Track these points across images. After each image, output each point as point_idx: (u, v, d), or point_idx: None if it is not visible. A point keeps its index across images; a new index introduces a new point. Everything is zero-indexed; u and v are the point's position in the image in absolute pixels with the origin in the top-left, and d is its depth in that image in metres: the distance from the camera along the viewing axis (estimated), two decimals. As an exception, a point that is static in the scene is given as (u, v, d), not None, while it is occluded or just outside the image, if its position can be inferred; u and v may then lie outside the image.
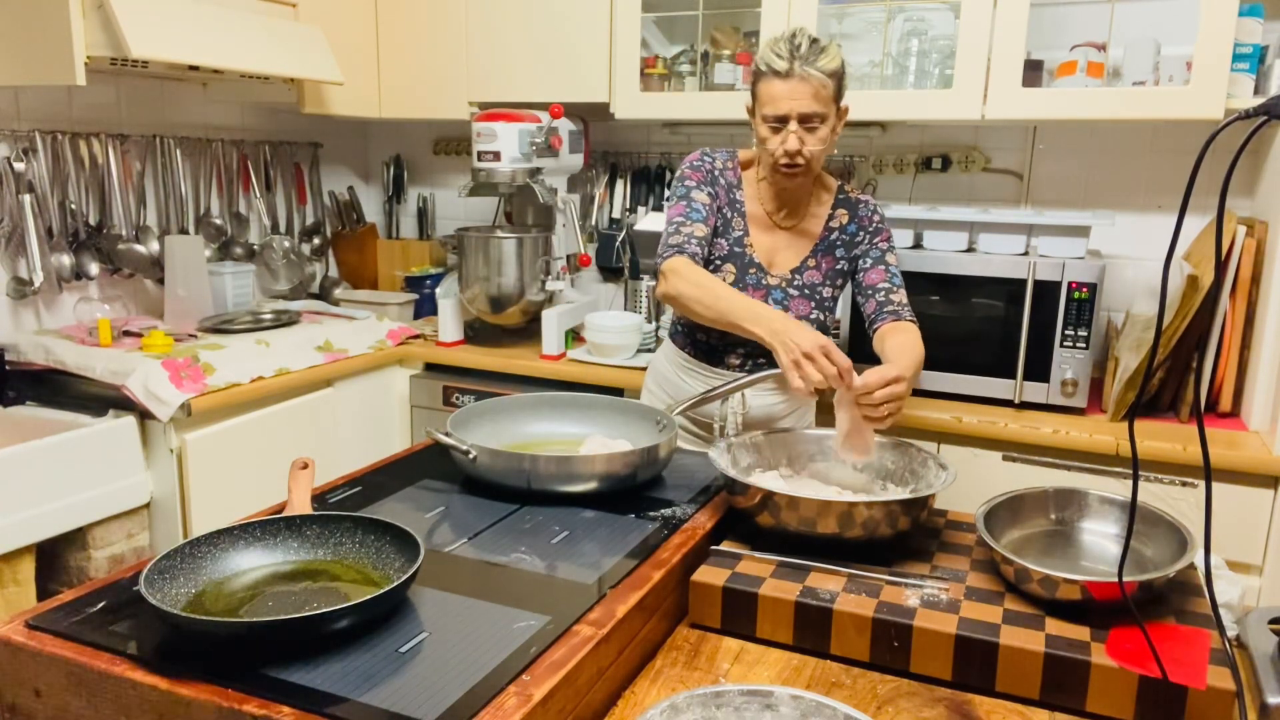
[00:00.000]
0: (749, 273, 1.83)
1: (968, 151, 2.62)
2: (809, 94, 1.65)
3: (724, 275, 1.83)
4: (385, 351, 2.74)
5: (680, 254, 1.72)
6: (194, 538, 1.08)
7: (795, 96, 1.65)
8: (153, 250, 2.61)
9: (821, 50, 1.66)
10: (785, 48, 1.65)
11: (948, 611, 1.12)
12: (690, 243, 1.74)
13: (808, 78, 1.64)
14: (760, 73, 1.68)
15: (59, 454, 1.97)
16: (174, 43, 2.12)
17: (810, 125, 1.68)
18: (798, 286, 1.84)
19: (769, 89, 1.67)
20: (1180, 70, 2.11)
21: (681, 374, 1.92)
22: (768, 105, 1.67)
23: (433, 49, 2.87)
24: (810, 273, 1.85)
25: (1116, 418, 2.12)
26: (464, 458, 1.41)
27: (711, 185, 1.82)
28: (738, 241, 1.83)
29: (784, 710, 0.89)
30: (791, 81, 1.64)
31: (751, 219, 1.85)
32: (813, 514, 1.24)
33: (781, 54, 1.64)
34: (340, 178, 3.42)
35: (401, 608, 1.05)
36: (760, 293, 1.82)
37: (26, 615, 1.02)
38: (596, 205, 3.10)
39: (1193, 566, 1.24)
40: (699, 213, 1.78)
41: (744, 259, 1.83)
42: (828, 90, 1.66)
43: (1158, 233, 2.46)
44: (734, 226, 1.84)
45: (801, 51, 1.64)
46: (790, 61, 1.64)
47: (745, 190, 1.86)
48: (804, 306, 1.84)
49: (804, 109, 1.65)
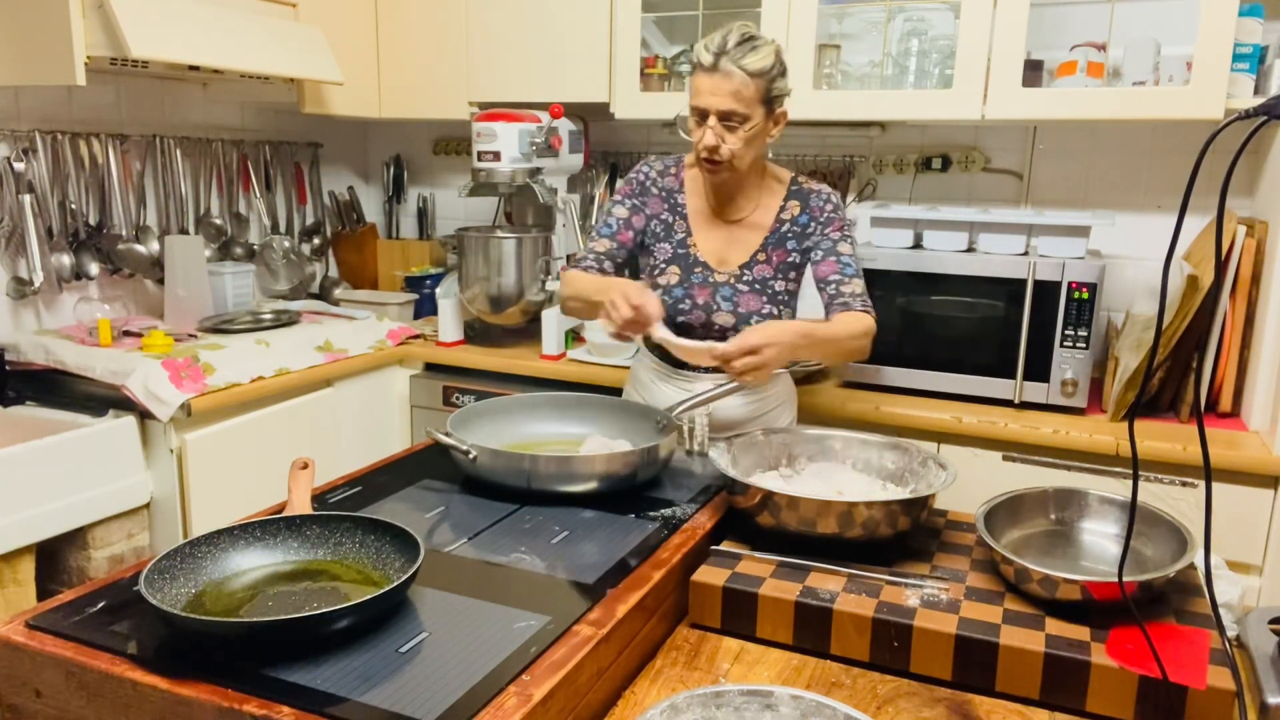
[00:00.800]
0: (694, 272, 1.82)
1: (968, 151, 2.62)
2: (729, 91, 1.62)
3: (669, 277, 1.83)
4: (385, 351, 2.74)
5: (574, 267, 1.83)
6: (194, 538, 1.08)
7: (716, 92, 1.62)
8: (153, 250, 2.61)
9: (753, 48, 1.62)
10: (716, 42, 1.63)
11: (948, 611, 1.12)
12: (587, 257, 1.83)
13: (730, 74, 1.61)
14: (692, 64, 1.67)
15: (59, 454, 1.97)
16: (174, 43, 2.12)
17: (729, 123, 1.65)
18: (747, 282, 1.81)
19: (695, 82, 1.66)
20: (1180, 70, 2.11)
21: (657, 380, 1.91)
22: (693, 98, 1.66)
23: (433, 49, 2.87)
24: (760, 267, 1.82)
25: (1116, 418, 2.12)
26: (464, 458, 1.41)
27: (639, 197, 1.85)
28: (680, 243, 1.83)
29: (784, 710, 0.89)
30: (714, 77, 1.62)
31: (695, 217, 1.84)
32: (813, 514, 1.24)
33: (710, 48, 1.62)
34: (340, 178, 3.42)
35: (401, 608, 1.05)
36: (707, 290, 1.81)
37: (26, 615, 1.02)
38: (596, 205, 3.10)
39: (1193, 566, 1.24)
40: (609, 227, 1.84)
41: (689, 259, 1.83)
42: (749, 90, 1.63)
43: (1158, 233, 2.46)
44: (676, 229, 1.84)
45: (729, 47, 1.61)
46: (716, 56, 1.61)
47: (689, 190, 1.85)
48: (755, 301, 1.81)
49: (722, 106, 1.63)
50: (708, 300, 1.81)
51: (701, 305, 1.81)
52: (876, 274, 2.28)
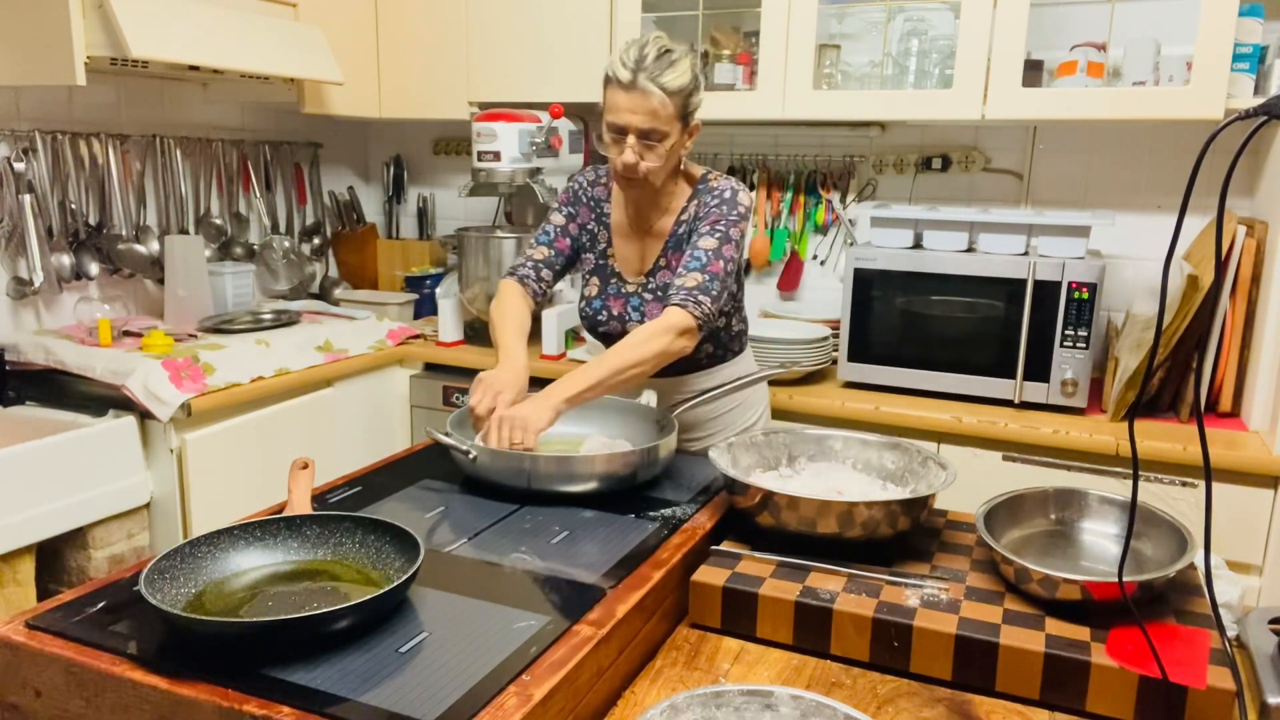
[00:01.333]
0: (610, 283, 1.83)
1: (968, 151, 2.62)
2: (647, 110, 1.57)
3: (590, 288, 1.84)
4: (385, 351, 2.73)
5: (511, 276, 1.81)
6: (194, 538, 1.08)
7: (634, 110, 1.58)
8: (153, 250, 2.61)
9: (670, 64, 1.57)
10: (633, 56, 1.57)
11: (948, 611, 1.12)
12: (525, 265, 1.82)
13: (648, 93, 1.56)
14: (607, 79, 1.60)
15: (59, 454, 1.97)
16: (174, 43, 2.12)
17: (647, 141, 1.61)
18: (651, 290, 1.79)
19: (612, 97, 1.60)
20: (1180, 70, 2.11)
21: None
22: (609, 114, 1.61)
23: (433, 49, 2.87)
24: (662, 273, 1.78)
25: (1116, 418, 2.12)
26: (464, 458, 1.41)
27: (573, 205, 1.85)
28: (602, 254, 1.84)
29: (784, 710, 0.89)
30: (633, 95, 1.57)
31: (615, 229, 1.83)
32: (813, 514, 1.24)
33: (627, 63, 1.56)
34: (340, 178, 3.42)
35: (401, 608, 1.05)
36: (620, 301, 1.81)
37: (26, 615, 1.02)
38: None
39: (1193, 566, 1.24)
40: (547, 235, 1.85)
41: (606, 270, 1.83)
42: (668, 109, 1.58)
43: (1158, 233, 2.46)
44: (599, 239, 1.84)
45: (646, 64, 1.56)
46: (633, 73, 1.56)
47: (614, 200, 1.83)
48: (657, 309, 1.75)
49: (642, 124, 1.59)
50: (621, 310, 1.82)
51: (616, 316, 1.82)
52: (876, 274, 2.28)
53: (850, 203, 2.78)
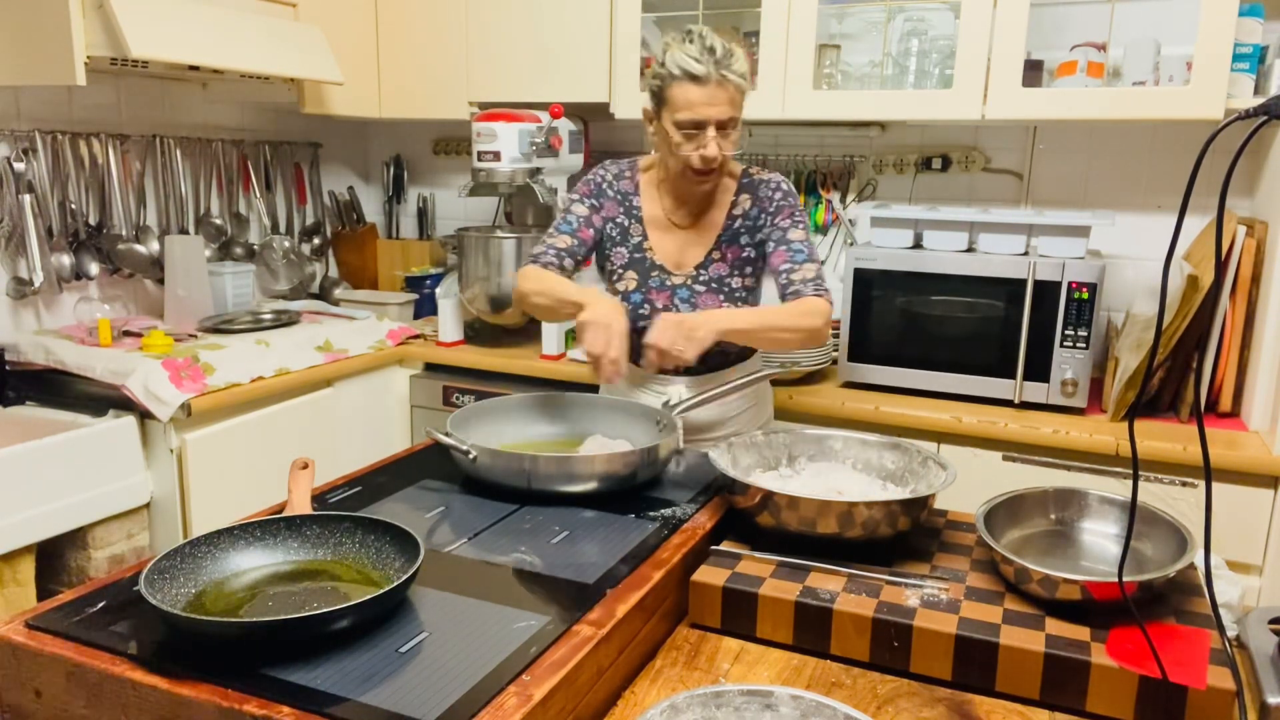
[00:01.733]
0: (651, 276, 1.82)
1: (968, 151, 2.62)
2: (726, 99, 1.62)
3: (626, 283, 1.83)
4: (385, 351, 2.74)
5: (534, 263, 1.78)
6: (194, 538, 1.08)
7: (714, 102, 1.62)
8: (153, 250, 2.61)
9: (732, 53, 1.62)
10: (698, 50, 1.60)
11: (948, 611, 1.12)
12: (547, 253, 1.79)
13: (725, 83, 1.61)
14: (672, 77, 1.62)
15: (59, 454, 1.97)
16: (174, 43, 2.12)
17: (725, 131, 1.65)
18: (703, 281, 1.81)
19: (685, 94, 1.62)
20: (1180, 70, 2.11)
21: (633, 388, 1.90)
22: (683, 111, 1.63)
23: (433, 49, 2.87)
24: (716, 265, 1.81)
25: (1116, 418, 2.12)
26: (464, 458, 1.41)
27: (596, 198, 1.84)
28: (637, 247, 1.83)
29: (784, 710, 0.89)
30: (709, 87, 1.60)
31: (650, 223, 1.83)
32: (813, 514, 1.24)
33: (698, 57, 1.60)
34: (340, 178, 3.42)
35: (401, 608, 1.05)
36: (665, 294, 1.81)
37: (26, 615, 1.02)
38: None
39: (1193, 566, 1.24)
40: (569, 225, 1.82)
41: (645, 263, 1.82)
42: (742, 95, 1.65)
43: (1158, 233, 2.46)
44: (632, 233, 1.83)
45: (718, 55, 1.60)
46: (709, 66, 1.60)
47: (644, 194, 1.84)
48: (712, 300, 1.81)
49: (722, 115, 1.63)
50: (666, 303, 1.81)
51: (661, 308, 1.80)
52: (876, 274, 2.28)
53: (850, 203, 2.78)
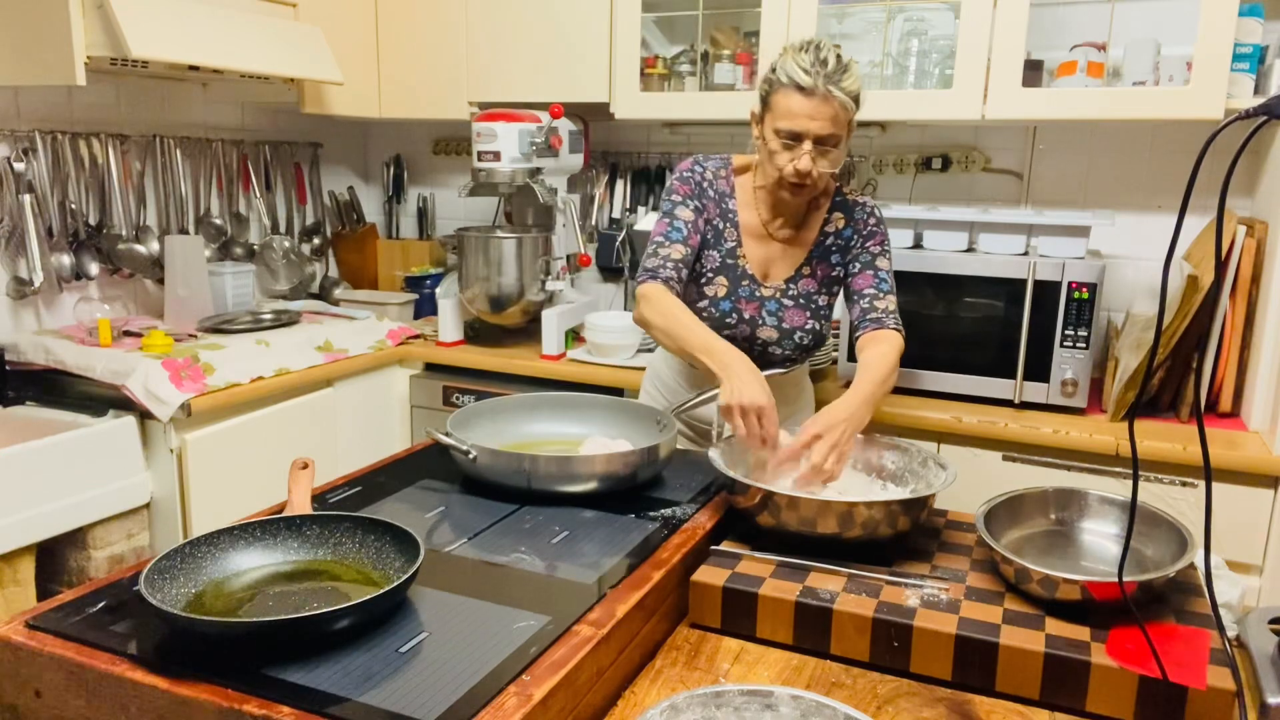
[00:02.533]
0: (741, 285, 1.77)
1: (968, 151, 2.62)
2: (829, 116, 1.56)
3: (716, 288, 1.77)
4: (385, 351, 2.74)
5: (654, 279, 1.68)
6: (194, 538, 1.08)
7: (816, 116, 1.56)
8: (153, 250, 2.61)
9: (845, 70, 1.56)
10: (810, 61, 1.55)
11: (948, 611, 1.12)
12: (666, 266, 1.70)
13: (831, 99, 1.55)
14: (780, 84, 1.57)
15: (59, 454, 1.97)
16: (174, 43, 2.12)
17: (823, 147, 1.60)
18: (792, 296, 1.78)
19: (787, 102, 1.57)
20: (1180, 70, 2.11)
21: (680, 378, 1.90)
22: (783, 120, 1.58)
23: (433, 49, 2.87)
24: (805, 281, 1.79)
25: (1116, 418, 2.12)
26: (464, 458, 1.41)
27: (699, 198, 1.76)
28: (730, 253, 1.77)
29: (784, 710, 0.89)
30: (814, 100, 1.55)
31: (745, 229, 1.78)
32: (813, 514, 1.24)
33: (808, 68, 1.54)
34: (340, 178, 3.42)
35: (401, 608, 1.05)
36: (754, 305, 1.77)
37: (26, 615, 1.02)
38: (596, 205, 3.10)
39: (1193, 566, 1.24)
40: (680, 231, 1.73)
41: (736, 270, 1.77)
42: (848, 114, 1.58)
43: (1158, 233, 2.46)
44: (726, 238, 1.77)
45: (829, 69, 1.54)
46: (816, 79, 1.54)
47: (739, 198, 1.78)
48: (799, 316, 1.79)
49: (822, 130, 1.57)
50: (755, 314, 1.78)
51: (748, 319, 1.77)
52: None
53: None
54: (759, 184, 1.77)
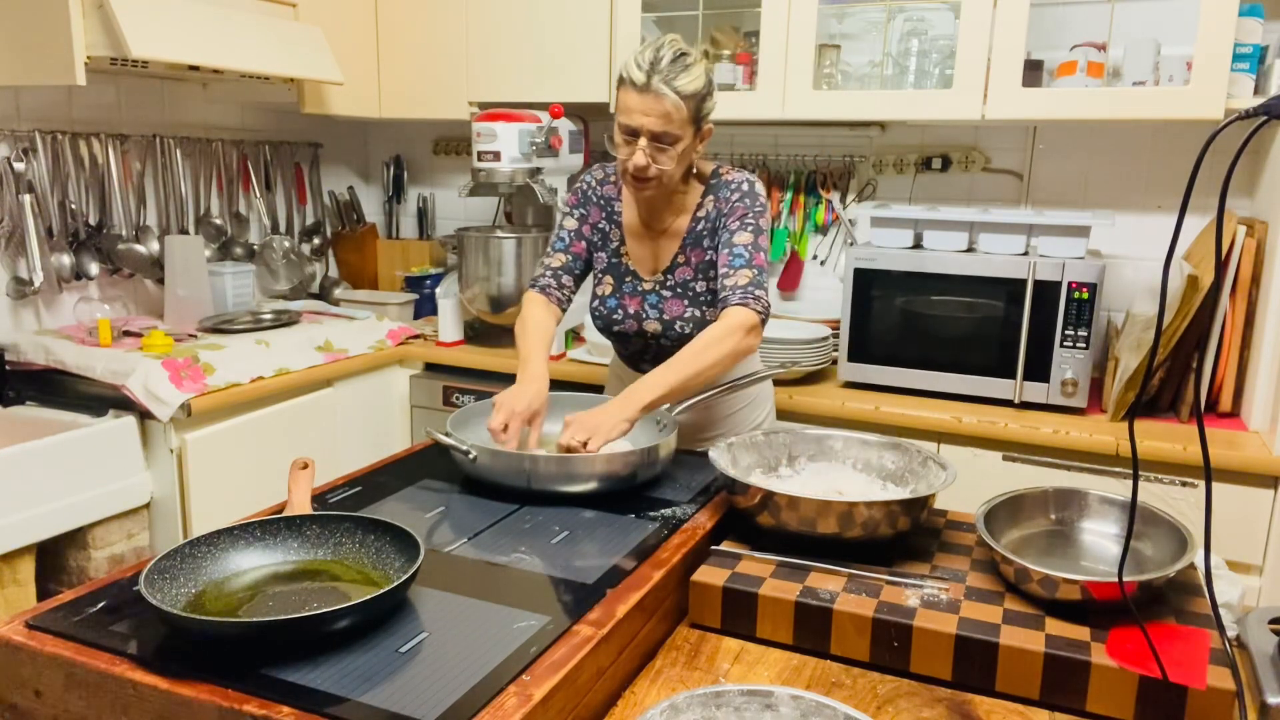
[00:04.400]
0: (625, 281, 1.82)
1: (968, 151, 2.62)
2: (660, 113, 1.57)
3: (604, 287, 1.84)
4: (385, 351, 2.74)
5: (533, 287, 1.83)
6: (194, 538, 1.08)
7: (647, 113, 1.58)
8: (153, 250, 2.61)
9: (685, 68, 1.57)
10: (647, 58, 1.57)
11: (948, 611, 1.12)
12: (545, 275, 1.84)
13: (662, 96, 1.56)
14: (620, 79, 1.61)
15: (59, 454, 1.97)
16: (174, 43, 2.12)
17: (660, 144, 1.61)
18: (670, 287, 1.80)
19: (625, 98, 1.60)
20: (1180, 70, 2.11)
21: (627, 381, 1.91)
22: (621, 115, 1.61)
23: (433, 49, 2.87)
24: (681, 269, 1.79)
25: (1116, 418, 2.12)
26: (464, 458, 1.41)
27: (583, 206, 1.84)
28: (615, 252, 1.83)
29: (784, 710, 0.89)
30: (646, 97, 1.57)
31: (628, 229, 1.83)
32: (813, 514, 1.24)
33: (641, 65, 1.57)
34: (340, 178, 3.42)
35: (401, 608, 1.05)
36: (636, 300, 1.81)
37: (26, 615, 1.02)
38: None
39: (1193, 566, 1.24)
40: (562, 241, 1.85)
41: (620, 268, 1.83)
42: (682, 113, 1.58)
43: (1158, 233, 2.46)
44: (611, 238, 1.83)
45: (661, 66, 1.56)
46: (648, 75, 1.56)
47: (624, 200, 1.82)
48: (678, 306, 1.79)
49: (654, 127, 1.59)
50: (638, 309, 1.81)
51: (633, 314, 1.82)
52: (876, 274, 2.28)
53: (850, 203, 2.78)
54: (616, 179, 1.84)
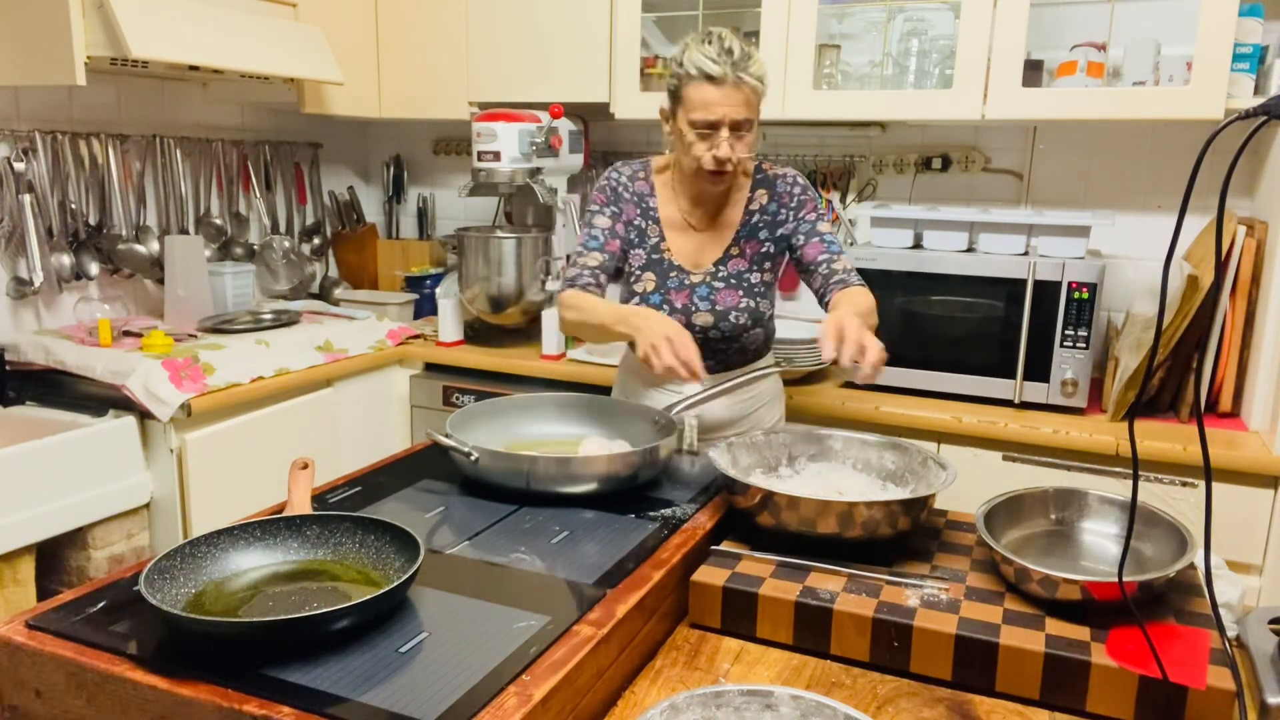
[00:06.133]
0: (670, 276, 1.81)
1: (968, 151, 2.62)
2: (741, 101, 1.62)
3: (644, 284, 1.82)
4: (385, 351, 2.74)
5: (572, 287, 1.77)
6: (194, 538, 1.08)
7: (730, 103, 1.62)
8: (153, 250, 2.61)
9: (749, 55, 1.63)
10: (716, 51, 1.61)
11: (948, 611, 1.12)
12: (583, 274, 1.78)
13: (741, 84, 1.61)
14: (690, 76, 1.63)
15: (59, 454, 1.97)
16: (174, 43, 2.12)
17: (739, 133, 1.65)
18: (722, 278, 1.81)
19: (701, 94, 1.62)
20: (1180, 70, 2.11)
21: (646, 388, 1.90)
22: (698, 111, 1.63)
23: (433, 49, 2.87)
24: (735, 261, 1.82)
25: (1116, 418, 2.12)
26: (465, 459, 1.41)
27: (616, 204, 1.82)
28: (655, 249, 1.82)
29: (784, 710, 0.89)
30: (725, 88, 1.61)
31: (667, 223, 1.82)
32: (813, 514, 1.24)
33: (716, 59, 1.60)
34: (340, 178, 3.42)
35: (401, 608, 1.05)
36: (684, 293, 1.80)
37: (26, 615, 1.02)
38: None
39: (1193, 566, 1.24)
40: (596, 240, 1.80)
41: (663, 264, 1.82)
42: (758, 97, 1.65)
43: (1158, 233, 2.46)
44: (649, 234, 1.82)
45: (735, 57, 1.61)
46: (725, 67, 1.60)
47: (660, 195, 1.83)
48: (732, 297, 1.81)
49: (737, 115, 1.63)
50: (686, 302, 1.81)
51: (680, 308, 1.81)
52: (876, 274, 2.28)
53: (850, 203, 2.78)
54: (677, 178, 1.82)
